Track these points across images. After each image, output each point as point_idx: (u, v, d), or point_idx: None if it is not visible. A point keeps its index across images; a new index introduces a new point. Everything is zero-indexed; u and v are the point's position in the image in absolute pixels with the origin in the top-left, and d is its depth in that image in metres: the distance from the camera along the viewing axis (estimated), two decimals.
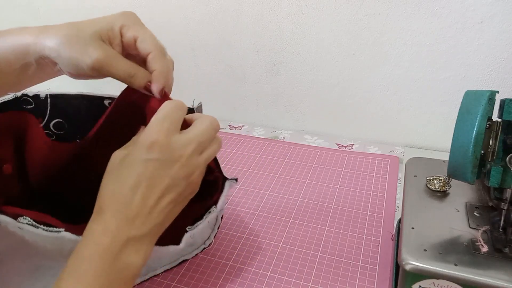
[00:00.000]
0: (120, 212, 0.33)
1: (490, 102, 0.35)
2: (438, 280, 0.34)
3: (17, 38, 0.39)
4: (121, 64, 0.37)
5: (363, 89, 0.77)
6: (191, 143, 0.35)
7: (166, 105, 0.36)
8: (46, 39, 0.37)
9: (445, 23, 0.65)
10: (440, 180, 0.44)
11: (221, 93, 0.91)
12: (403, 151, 0.76)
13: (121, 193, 0.33)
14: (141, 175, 0.34)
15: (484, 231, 0.37)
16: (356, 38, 0.72)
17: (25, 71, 0.40)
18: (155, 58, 0.38)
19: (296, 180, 0.68)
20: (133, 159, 0.34)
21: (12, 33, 0.40)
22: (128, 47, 0.39)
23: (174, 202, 0.36)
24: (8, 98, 0.39)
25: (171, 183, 0.35)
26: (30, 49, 0.38)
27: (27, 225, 0.34)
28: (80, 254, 0.32)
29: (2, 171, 0.39)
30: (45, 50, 0.37)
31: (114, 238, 0.32)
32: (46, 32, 0.38)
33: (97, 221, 0.33)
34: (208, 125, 0.37)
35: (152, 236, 0.35)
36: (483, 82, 0.68)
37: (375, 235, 0.54)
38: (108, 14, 0.41)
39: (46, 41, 0.37)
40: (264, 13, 0.77)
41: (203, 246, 0.51)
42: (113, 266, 0.32)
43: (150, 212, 0.34)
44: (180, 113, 0.36)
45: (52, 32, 0.37)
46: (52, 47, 0.37)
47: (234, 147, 0.79)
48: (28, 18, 1.04)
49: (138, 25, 0.39)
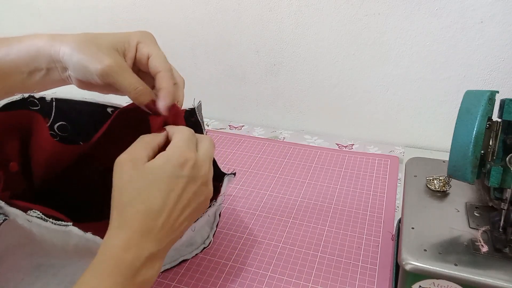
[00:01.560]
0: (145, 229, 0.33)
1: (490, 102, 0.35)
2: (438, 280, 0.34)
3: (30, 42, 0.40)
4: (129, 76, 0.38)
5: (363, 89, 0.77)
6: (206, 160, 0.38)
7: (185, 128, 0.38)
8: (62, 42, 0.38)
9: (445, 23, 0.65)
10: (440, 180, 0.44)
11: (221, 93, 0.91)
12: (403, 151, 0.76)
13: (150, 210, 0.33)
14: (172, 192, 0.34)
15: (484, 231, 0.37)
16: (356, 38, 0.72)
17: (32, 77, 0.40)
18: (164, 77, 0.39)
19: (296, 180, 0.68)
20: (165, 175, 0.34)
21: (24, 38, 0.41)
22: (139, 63, 0.40)
23: (192, 214, 0.37)
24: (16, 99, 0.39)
25: (193, 198, 0.36)
26: (44, 52, 0.39)
27: (36, 218, 0.34)
28: (98, 269, 0.31)
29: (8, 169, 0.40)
30: (59, 53, 0.38)
31: (136, 254, 0.32)
32: (61, 37, 0.39)
33: (118, 236, 0.32)
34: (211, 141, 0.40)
35: (167, 249, 0.36)
36: (483, 82, 0.68)
37: (375, 235, 0.54)
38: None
39: (62, 45, 0.38)
40: (264, 13, 0.77)
41: (203, 246, 0.51)
42: (133, 282, 0.31)
43: (172, 227, 0.35)
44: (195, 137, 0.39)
45: (68, 37, 0.38)
46: (66, 51, 0.38)
47: (234, 147, 0.79)
48: (28, 17, 1.04)
49: (154, 44, 0.40)
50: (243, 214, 0.60)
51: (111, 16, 0.91)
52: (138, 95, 0.38)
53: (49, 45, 0.39)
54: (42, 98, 0.41)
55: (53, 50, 0.38)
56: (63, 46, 0.38)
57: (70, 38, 0.38)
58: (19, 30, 1.08)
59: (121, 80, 0.37)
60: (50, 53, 0.39)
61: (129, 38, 0.39)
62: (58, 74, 0.40)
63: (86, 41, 0.38)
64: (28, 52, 0.39)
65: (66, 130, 0.43)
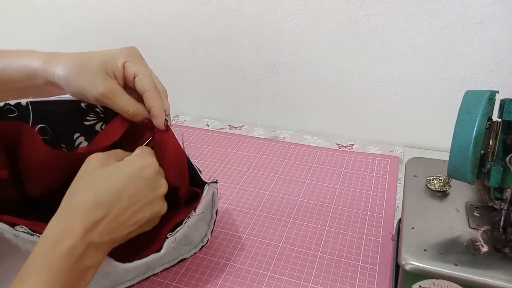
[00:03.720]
0: (91, 218, 0.34)
1: (490, 102, 0.35)
2: (438, 280, 0.34)
3: (25, 60, 0.43)
4: (122, 99, 0.42)
5: (363, 89, 0.77)
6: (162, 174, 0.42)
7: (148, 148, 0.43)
8: (55, 67, 0.41)
9: (445, 23, 0.65)
10: (440, 180, 0.44)
11: (221, 93, 0.91)
12: (403, 151, 0.76)
13: (101, 197, 0.35)
14: (127, 187, 0.36)
15: (484, 231, 0.37)
16: (356, 38, 0.72)
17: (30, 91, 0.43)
18: (152, 97, 0.42)
19: (296, 180, 0.68)
20: (124, 173, 0.37)
21: (20, 54, 0.43)
22: (127, 79, 0.43)
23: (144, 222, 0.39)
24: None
25: (149, 205, 0.39)
26: (39, 74, 0.42)
27: (23, 233, 0.35)
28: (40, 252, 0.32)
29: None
30: (54, 77, 0.41)
31: (77, 241, 0.32)
32: (54, 59, 0.42)
33: (61, 220, 0.33)
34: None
35: (109, 246, 0.36)
36: (483, 82, 0.68)
37: (375, 235, 0.54)
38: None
39: (56, 69, 0.41)
40: (264, 13, 0.77)
41: (201, 244, 0.51)
42: (76, 267, 0.32)
43: (119, 225, 0.36)
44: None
45: (61, 61, 0.41)
46: (61, 76, 0.41)
47: (234, 147, 0.79)
48: (28, 17, 1.04)
49: (139, 62, 0.43)
50: (243, 214, 0.60)
51: (111, 16, 0.91)
52: (132, 115, 0.42)
53: (43, 69, 0.42)
54: (18, 103, 0.41)
55: (48, 73, 0.41)
56: (57, 71, 0.41)
57: (62, 63, 0.41)
58: (19, 30, 1.08)
59: (115, 103, 0.41)
60: (45, 75, 0.42)
61: (116, 58, 0.42)
62: (55, 90, 0.44)
63: (78, 66, 0.41)
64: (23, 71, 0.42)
65: (47, 133, 0.44)
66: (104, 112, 0.47)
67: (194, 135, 0.85)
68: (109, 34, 0.94)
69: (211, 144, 0.81)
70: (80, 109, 0.45)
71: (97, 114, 0.47)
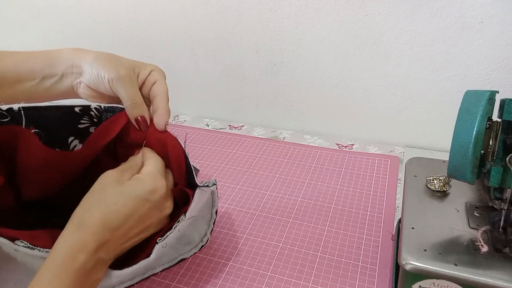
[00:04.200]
0: (101, 237, 0.36)
1: (490, 102, 0.35)
2: (438, 280, 0.34)
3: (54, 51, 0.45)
4: (134, 89, 0.44)
5: (363, 89, 0.77)
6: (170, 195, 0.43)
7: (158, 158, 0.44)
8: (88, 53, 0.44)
9: (445, 23, 0.65)
10: (440, 180, 0.44)
11: (221, 93, 0.91)
12: (403, 151, 0.76)
13: (111, 219, 0.37)
14: (136, 210, 0.38)
15: (484, 231, 0.37)
16: (356, 38, 0.72)
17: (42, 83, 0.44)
18: (163, 100, 0.45)
19: (296, 180, 0.68)
20: (134, 194, 0.39)
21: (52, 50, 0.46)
22: (145, 85, 0.46)
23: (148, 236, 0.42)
24: None
25: (153, 224, 0.41)
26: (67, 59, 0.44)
27: (23, 247, 0.35)
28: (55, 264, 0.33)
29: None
30: (81, 60, 0.44)
31: (89, 257, 0.35)
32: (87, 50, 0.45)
33: (75, 235, 0.35)
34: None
35: (112, 260, 0.39)
36: (483, 82, 0.68)
37: (375, 235, 0.54)
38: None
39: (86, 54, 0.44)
40: (264, 13, 0.77)
41: (201, 244, 0.51)
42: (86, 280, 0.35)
43: (124, 242, 0.39)
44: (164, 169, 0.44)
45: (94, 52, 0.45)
46: (88, 60, 0.43)
47: (234, 147, 0.79)
48: (28, 17, 1.04)
49: (163, 78, 0.47)
50: (243, 214, 0.60)
51: (111, 16, 0.91)
52: (132, 106, 0.44)
53: (74, 54, 0.44)
54: (10, 108, 0.41)
55: (76, 57, 0.44)
56: (87, 56, 0.44)
57: (96, 52, 0.44)
58: (19, 30, 1.08)
59: (125, 89, 0.43)
60: (72, 60, 0.44)
61: (146, 65, 0.46)
62: (69, 81, 0.45)
63: (109, 56, 0.44)
64: (48, 57, 0.44)
65: (41, 138, 0.44)
66: (98, 116, 0.46)
67: (194, 135, 0.85)
68: (109, 34, 0.94)
69: (211, 144, 0.81)
70: (73, 114, 0.46)
71: (91, 117, 0.47)
